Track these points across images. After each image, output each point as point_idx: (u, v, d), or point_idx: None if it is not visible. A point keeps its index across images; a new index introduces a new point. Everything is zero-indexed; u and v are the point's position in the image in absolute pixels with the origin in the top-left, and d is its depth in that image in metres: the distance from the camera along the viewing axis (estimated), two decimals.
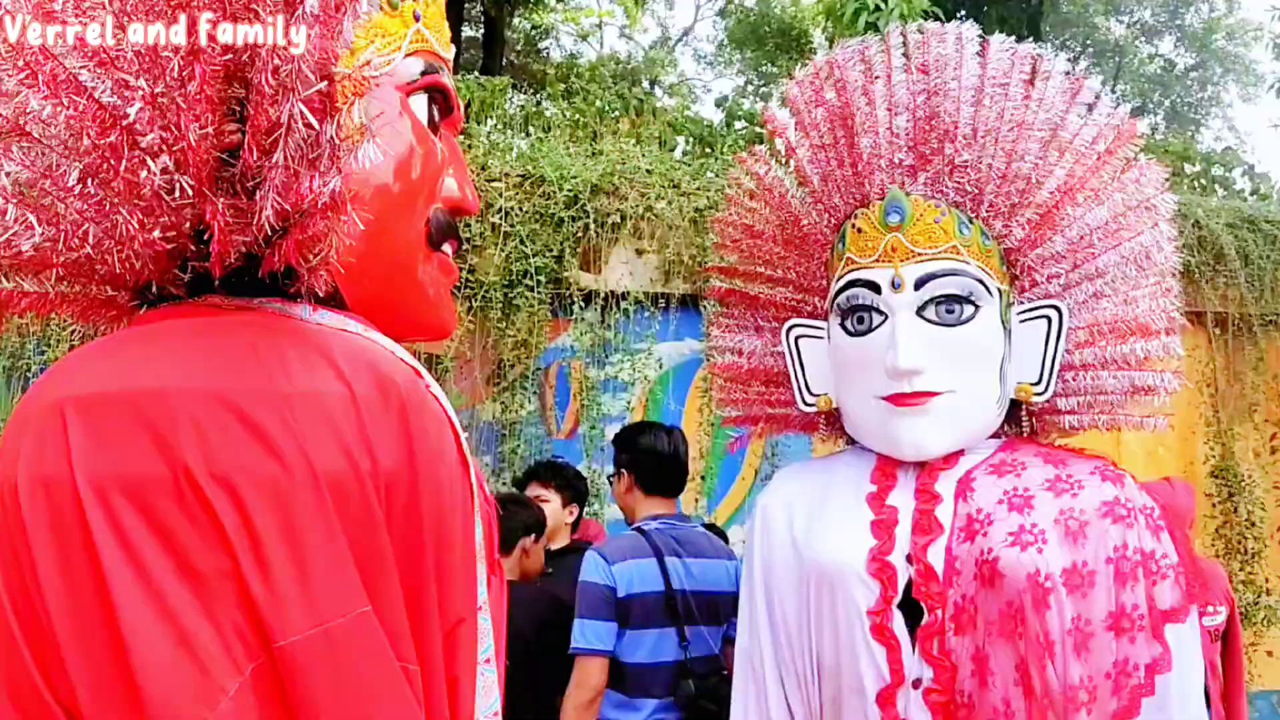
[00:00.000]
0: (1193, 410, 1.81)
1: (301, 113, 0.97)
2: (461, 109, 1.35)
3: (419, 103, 1.25)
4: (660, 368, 4.58)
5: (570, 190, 4.47)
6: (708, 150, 6.01)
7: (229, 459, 0.89)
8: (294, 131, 0.97)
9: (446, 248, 1.27)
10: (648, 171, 4.74)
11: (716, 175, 4.87)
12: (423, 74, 1.25)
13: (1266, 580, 5.21)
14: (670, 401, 4.59)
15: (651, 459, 2.80)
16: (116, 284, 1.13)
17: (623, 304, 4.56)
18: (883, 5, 6.31)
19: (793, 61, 11.34)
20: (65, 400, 0.94)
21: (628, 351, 4.55)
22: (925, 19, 6.47)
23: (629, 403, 4.59)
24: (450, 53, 1.33)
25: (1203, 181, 6.91)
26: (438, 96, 1.29)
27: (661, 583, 2.59)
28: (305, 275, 1.09)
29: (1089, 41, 20.06)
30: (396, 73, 1.23)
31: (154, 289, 1.12)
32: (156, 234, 0.99)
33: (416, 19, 1.25)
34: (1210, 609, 2.34)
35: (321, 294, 1.13)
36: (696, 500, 4.42)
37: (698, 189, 4.71)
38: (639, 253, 4.63)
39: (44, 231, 0.98)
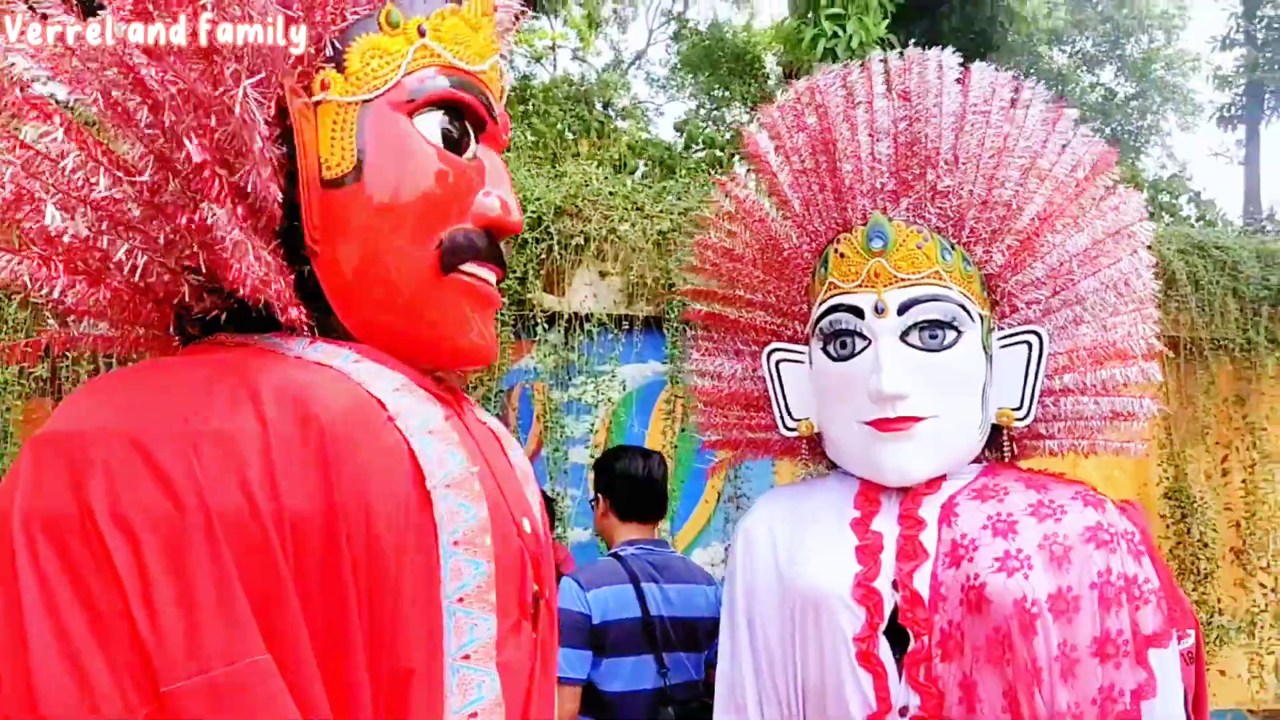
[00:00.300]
0: (1147, 433, 1.84)
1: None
2: (502, 119, 1.32)
3: (429, 121, 1.22)
4: (624, 390, 4.56)
5: (533, 212, 4.45)
6: (668, 173, 6.02)
7: (129, 500, 0.90)
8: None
9: (472, 268, 1.23)
10: (610, 194, 4.73)
11: (678, 198, 4.87)
12: (431, 90, 1.22)
13: (1219, 600, 5.29)
14: (634, 424, 4.56)
15: (627, 484, 2.78)
16: (151, 325, 1.16)
17: (586, 326, 4.54)
18: (840, 32, 6.37)
19: (746, 86, 11.45)
20: (40, 435, 0.97)
21: (591, 373, 4.52)
22: (881, 47, 6.58)
23: (592, 425, 4.56)
24: (485, 63, 1.29)
25: (1150, 208, 7.05)
26: (463, 111, 1.25)
27: (638, 609, 2.56)
28: (279, 311, 1.10)
29: (1033, 70, 20.49)
30: (398, 91, 1.20)
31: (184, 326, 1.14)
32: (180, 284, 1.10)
33: (421, 34, 1.21)
34: (1186, 632, 2.36)
35: (303, 326, 1.14)
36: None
37: (660, 211, 4.70)
38: (602, 275, 4.62)
39: (90, 290, 1.08)
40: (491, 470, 1.21)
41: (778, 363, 2.07)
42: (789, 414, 2.06)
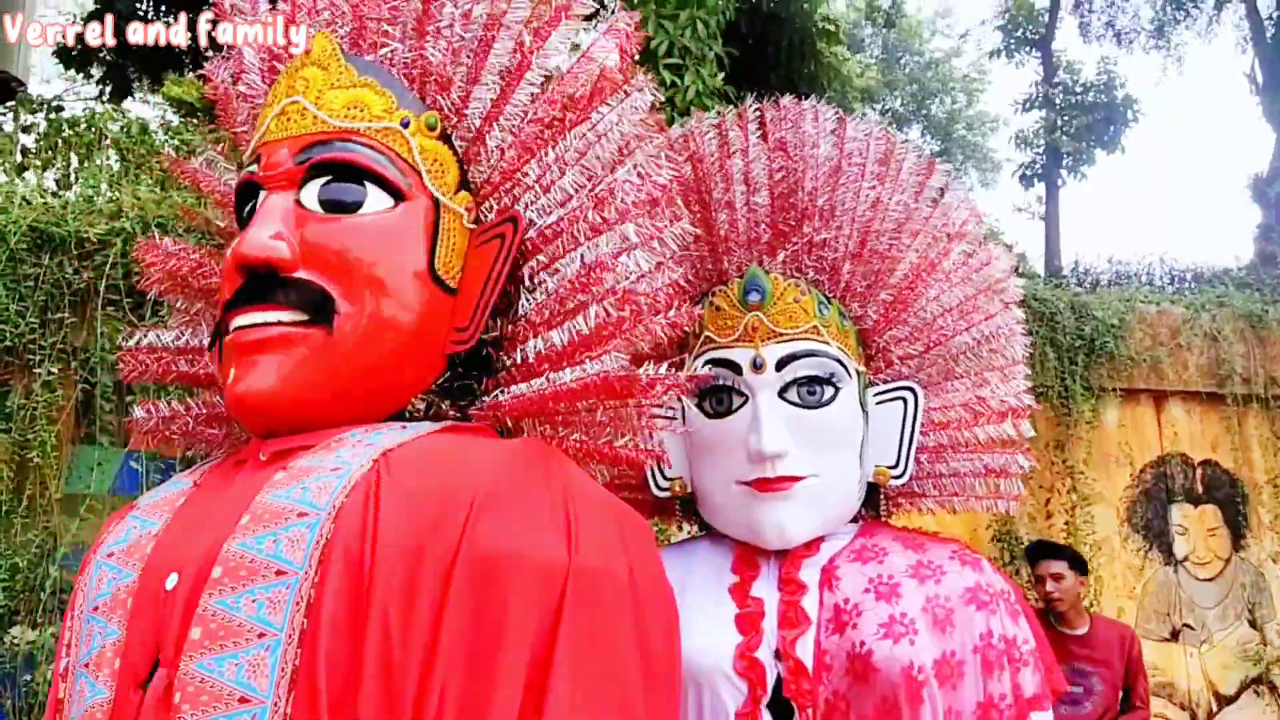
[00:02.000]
0: (1018, 489, 1.89)
1: None
2: (274, 161, 1.31)
3: (239, 210, 1.37)
4: None
5: None
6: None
7: None
8: None
9: (238, 321, 1.26)
10: None
11: None
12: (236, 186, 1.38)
13: None
14: None
15: None
16: None
17: None
18: (678, 82, 6.44)
19: None
20: None
21: None
22: (717, 98, 6.67)
23: None
24: (275, 111, 1.33)
25: None
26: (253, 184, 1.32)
27: None
28: None
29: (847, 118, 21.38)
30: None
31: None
32: None
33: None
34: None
35: None
36: None
37: None
38: None
39: None
40: (199, 529, 1.16)
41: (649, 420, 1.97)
42: (662, 473, 1.96)
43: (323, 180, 1.28)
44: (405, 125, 1.33)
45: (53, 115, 5.17)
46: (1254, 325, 6.47)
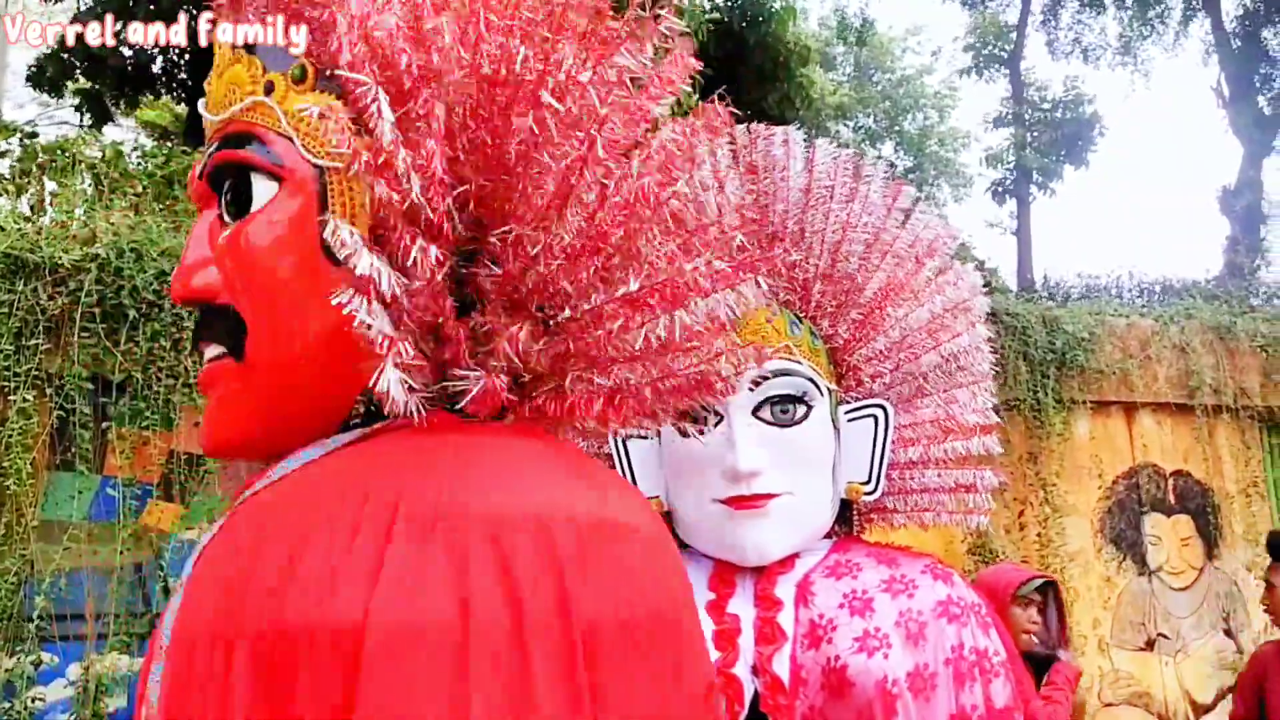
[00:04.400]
0: (987, 504, 1.91)
1: None
2: (196, 181, 1.16)
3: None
4: None
5: None
6: None
7: None
8: None
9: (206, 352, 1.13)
10: None
11: None
12: None
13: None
14: None
15: None
16: None
17: None
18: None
19: None
20: None
21: None
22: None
23: None
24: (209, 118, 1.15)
25: None
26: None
27: None
28: None
29: (817, 141, 21.52)
30: None
31: None
32: None
33: None
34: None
35: None
36: None
37: None
38: None
39: None
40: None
41: (625, 439, 2.00)
42: None
43: (227, 184, 1.11)
44: (270, 91, 1.10)
45: (27, 141, 5.16)
46: (1222, 337, 6.57)
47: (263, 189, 1.08)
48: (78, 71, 8.76)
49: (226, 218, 1.10)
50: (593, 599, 0.85)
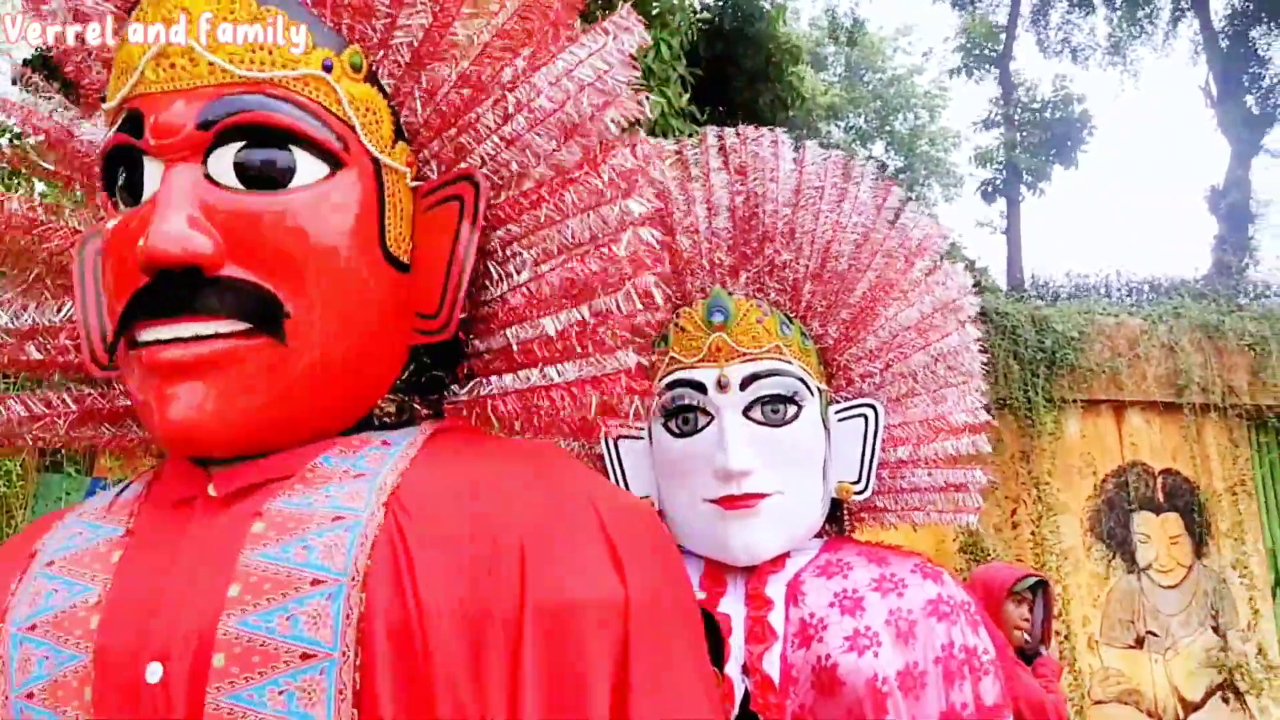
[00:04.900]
0: (977, 503, 1.93)
1: None
2: (166, 121, 1.01)
3: (118, 187, 1.04)
4: None
5: None
6: None
7: None
8: None
9: (148, 334, 0.98)
10: None
11: None
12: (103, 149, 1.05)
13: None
14: None
15: None
16: None
17: None
18: (643, 102, 6.47)
19: None
20: None
21: None
22: (682, 119, 6.74)
23: None
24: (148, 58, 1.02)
25: None
26: (130, 149, 1.02)
27: None
28: None
29: (806, 143, 21.55)
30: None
31: None
32: None
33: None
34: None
35: None
36: None
37: None
38: None
39: None
40: (161, 596, 0.94)
41: (616, 440, 2.00)
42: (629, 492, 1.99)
43: (237, 146, 1.01)
44: (328, 69, 1.06)
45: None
46: (1210, 335, 6.60)
47: (309, 166, 1.03)
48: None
49: (234, 180, 1.01)
50: None
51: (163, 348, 0.97)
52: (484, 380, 1.19)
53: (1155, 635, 6.31)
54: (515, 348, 1.16)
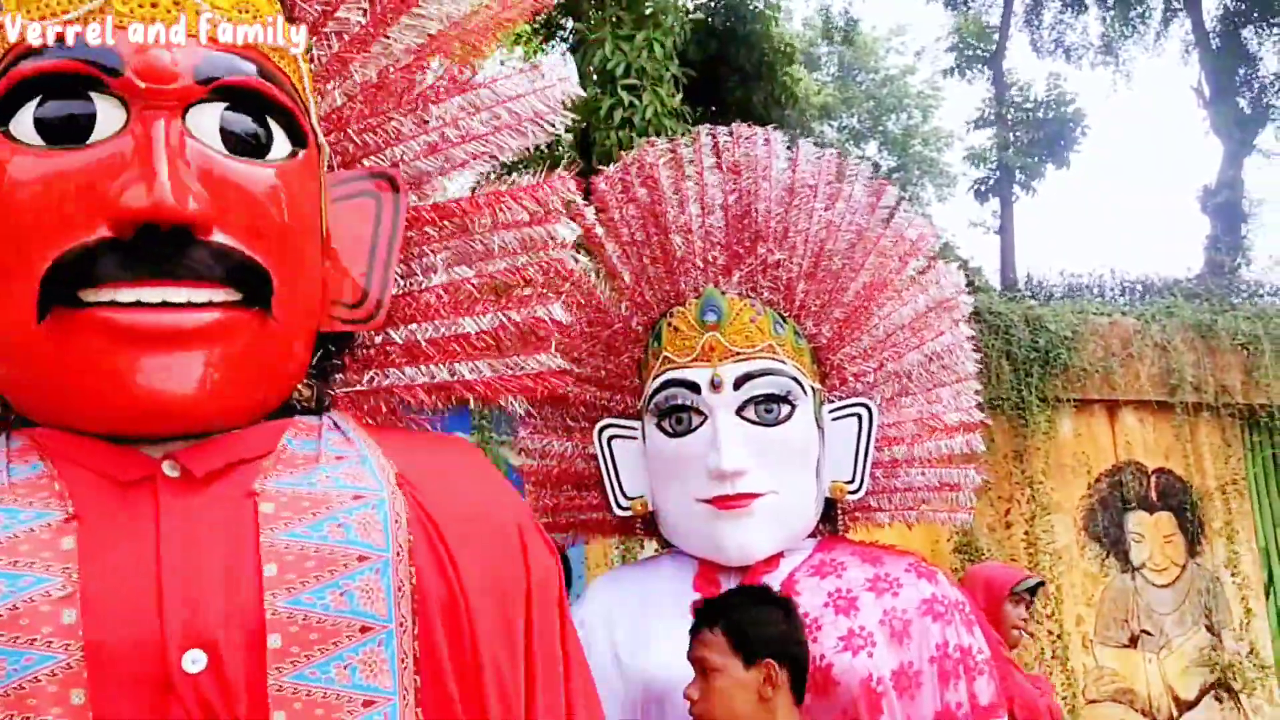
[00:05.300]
0: (971, 503, 1.95)
1: None
2: (158, 64, 0.93)
3: (21, 122, 0.92)
4: None
5: None
6: None
7: None
8: None
9: (104, 294, 0.90)
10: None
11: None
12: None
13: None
14: None
15: None
16: None
17: None
18: (636, 103, 6.50)
19: (536, 151, 11.54)
20: None
21: None
22: (675, 119, 6.73)
23: None
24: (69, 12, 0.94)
25: None
26: (71, 82, 0.92)
27: None
28: None
29: (799, 142, 21.56)
30: None
31: None
32: None
33: None
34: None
35: None
36: None
37: None
38: None
39: None
40: (160, 582, 0.88)
41: (610, 439, 2.00)
42: (622, 493, 1.98)
43: (221, 106, 0.96)
44: (297, 47, 1.05)
45: None
46: (1203, 335, 6.60)
47: (281, 141, 1.01)
48: None
49: (218, 143, 0.96)
50: None
51: (139, 310, 0.90)
52: (382, 372, 1.20)
53: (1149, 634, 6.31)
54: (423, 343, 1.19)
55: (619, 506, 1.98)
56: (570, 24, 7.87)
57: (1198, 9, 14.44)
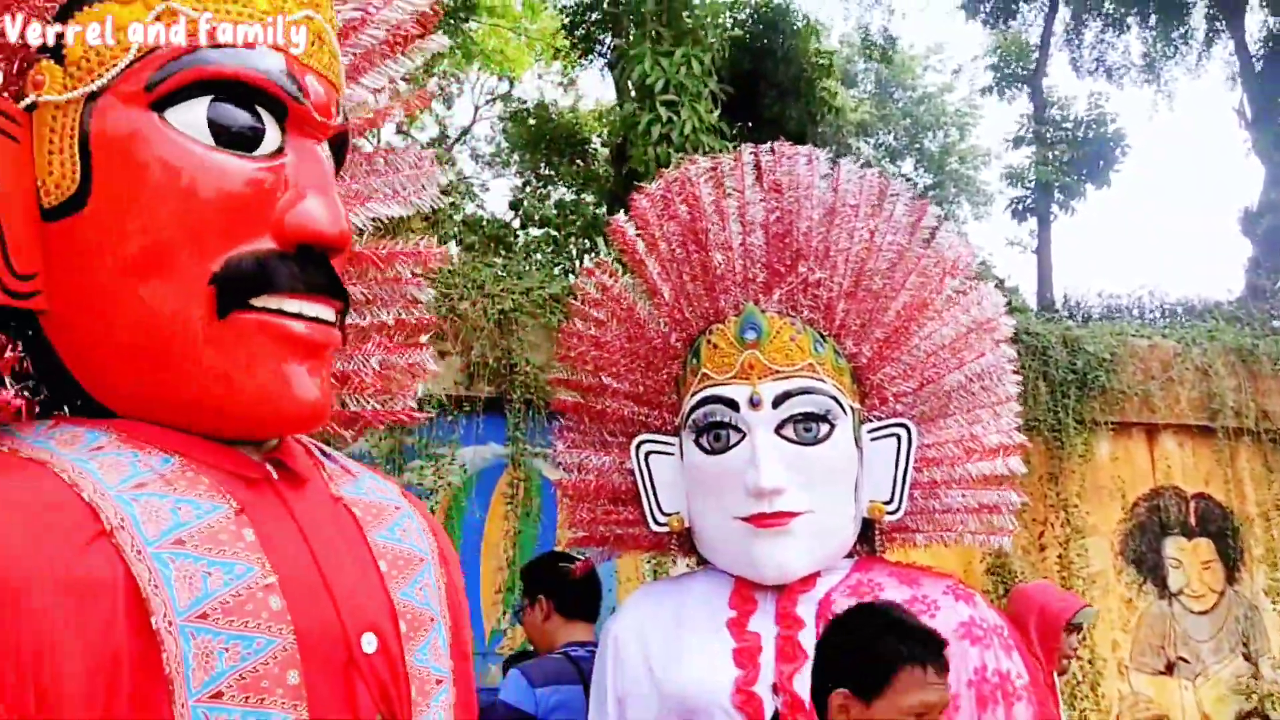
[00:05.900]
0: (1010, 525, 1.91)
1: None
2: (319, 97, 1.01)
3: (188, 112, 0.93)
4: (464, 473, 4.39)
5: None
6: (504, 250, 5.94)
7: None
8: None
9: (273, 302, 0.95)
10: (450, 271, 4.60)
11: (519, 277, 4.79)
12: (184, 69, 0.92)
13: None
14: (474, 508, 4.39)
15: (573, 585, 2.59)
16: None
17: (424, 407, 4.36)
18: (675, 118, 6.51)
19: (571, 166, 11.58)
20: None
21: (429, 456, 4.33)
22: (712, 134, 6.74)
23: (431, 509, 4.36)
24: (274, 22, 0.98)
25: None
26: (249, 93, 0.95)
27: (584, 713, 2.40)
28: None
29: (841, 161, 21.48)
30: (133, 78, 0.92)
31: None
32: None
33: None
34: None
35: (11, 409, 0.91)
36: (504, 612, 4.21)
37: (502, 291, 4.61)
38: (441, 354, 4.47)
39: None
40: (321, 572, 0.95)
41: (647, 455, 2.00)
42: (659, 508, 1.99)
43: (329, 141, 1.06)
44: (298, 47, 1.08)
45: None
46: (1244, 359, 6.51)
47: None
48: None
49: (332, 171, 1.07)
50: None
51: (290, 319, 0.96)
52: None
53: (1185, 661, 6.22)
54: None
55: (655, 522, 1.99)
56: (609, 40, 7.93)
57: (1241, 30, 14.29)
